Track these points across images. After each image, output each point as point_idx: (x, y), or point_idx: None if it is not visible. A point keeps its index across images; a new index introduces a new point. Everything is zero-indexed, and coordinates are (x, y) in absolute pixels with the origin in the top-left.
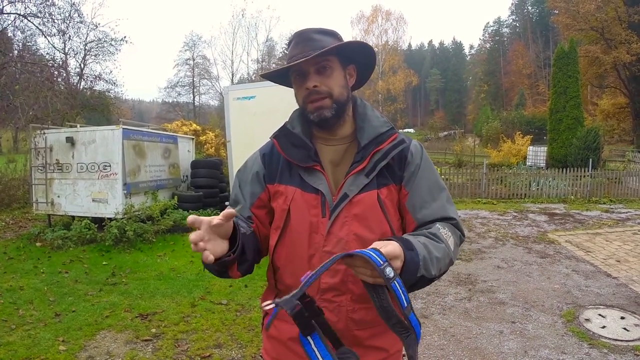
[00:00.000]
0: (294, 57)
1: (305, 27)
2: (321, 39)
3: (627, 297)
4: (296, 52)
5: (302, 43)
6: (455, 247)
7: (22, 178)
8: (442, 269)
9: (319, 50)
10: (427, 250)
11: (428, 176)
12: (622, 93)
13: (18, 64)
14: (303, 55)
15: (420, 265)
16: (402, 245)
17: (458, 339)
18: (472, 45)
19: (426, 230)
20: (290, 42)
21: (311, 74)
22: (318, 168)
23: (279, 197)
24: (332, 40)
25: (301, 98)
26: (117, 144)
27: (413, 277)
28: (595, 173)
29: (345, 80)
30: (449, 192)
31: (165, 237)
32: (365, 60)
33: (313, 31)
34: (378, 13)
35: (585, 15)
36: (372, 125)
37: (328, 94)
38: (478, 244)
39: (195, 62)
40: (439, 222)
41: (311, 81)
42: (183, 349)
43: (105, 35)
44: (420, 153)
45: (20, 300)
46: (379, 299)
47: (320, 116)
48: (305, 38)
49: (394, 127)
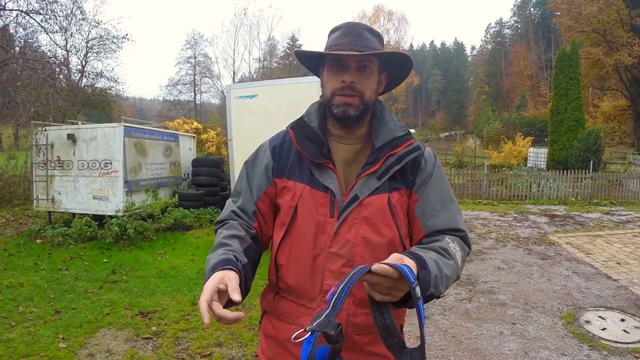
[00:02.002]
0: (340, 47)
1: (356, 21)
2: (370, 38)
3: (628, 299)
4: (344, 42)
5: (352, 35)
6: (462, 263)
7: (22, 175)
8: (449, 285)
9: (367, 49)
10: (438, 268)
11: (440, 185)
12: (623, 95)
13: (20, 60)
14: (350, 48)
15: (431, 285)
16: (417, 263)
17: (458, 339)
18: (474, 46)
19: (437, 244)
20: (335, 30)
21: (351, 69)
22: (330, 166)
23: (286, 193)
24: (378, 43)
25: (332, 88)
26: (119, 141)
27: (423, 294)
28: (596, 175)
29: (377, 86)
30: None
31: (166, 235)
32: (399, 73)
33: (364, 27)
34: (380, 13)
35: (587, 17)
36: (389, 128)
37: (360, 93)
38: (479, 244)
39: (196, 61)
40: (448, 233)
41: (350, 76)
42: (183, 347)
43: (107, 33)
44: (433, 161)
45: (20, 297)
46: (382, 318)
47: (345, 113)
48: (356, 32)
49: (410, 133)
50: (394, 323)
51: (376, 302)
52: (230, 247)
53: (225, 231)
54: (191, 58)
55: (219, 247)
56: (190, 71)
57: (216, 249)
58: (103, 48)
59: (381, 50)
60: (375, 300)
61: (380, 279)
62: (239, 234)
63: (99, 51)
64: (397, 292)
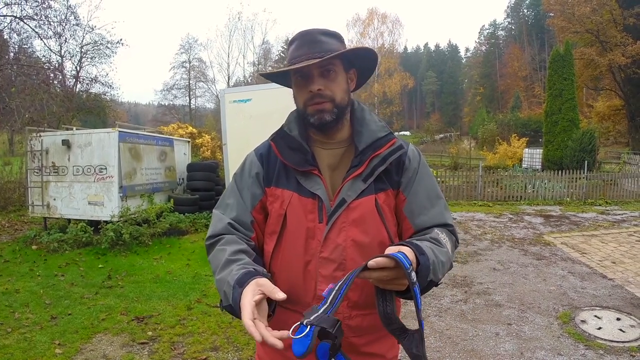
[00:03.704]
0: (298, 59)
1: (309, 28)
2: (327, 41)
3: (623, 298)
4: (301, 54)
5: (307, 45)
6: (453, 252)
7: (17, 181)
8: (445, 273)
9: (325, 53)
10: (434, 255)
11: (426, 182)
12: (617, 95)
13: (14, 66)
14: (308, 57)
15: (431, 270)
16: (415, 250)
17: (454, 341)
18: (468, 48)
19: (428, 236)
20: (292, 42)
21: (315, 77)
22: (315, 172)
23: (275, 201)
24: (337, 43)
25: (302, 100)
26: (113, 146)
27: (424, 281)
28: (591, 175)
29: (347, 85)
30: (444, 197)
31: (162, 240)
32: (367, 65)
33: (318, 32)
34: (374, 16)
35: (581, 17)
36: (370, 130)
37: (331, 98)
38: (474, 246)
39: (191, 65)
40: (437, 227)
41: (315, 84)
42: (179, 352)
43: (102, 38)
44: (418, 159)
45: (16, 303)
46: (385, 304)
47: (321, 120)
48: (311, 40)
49: (392, 132)
50: (394, 310)
51: (382, 290)
52: (242, 261)
53: (228, 247)
54: (186, 62)
55: (230, 264)
56: (184, 76)
57: (228, 266)
58: (97, 53)
59: (341, 49)
60: (380, 288)
61: (380, 274)
62: (243, 248)
63: (94, 56)
64: (400, 281)
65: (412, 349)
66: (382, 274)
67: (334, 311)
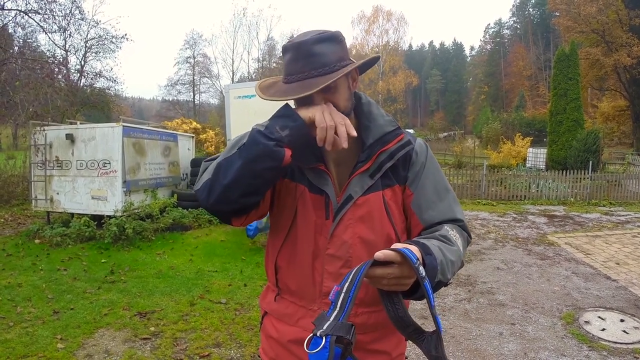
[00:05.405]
0: (295, 76)
1: (302, 35)
2: (323, 52)
3: (627, 299)
4: (297, 69)
5: (302, 59)
6: (464, 249)
7: (21, 175)
8: (455, 272)
9: (322, 66)
10: (442, 254)
11: (434, 176)
12: (622, 96)
13: (18, 60)
14: (305, 75)
15: (438, 270)
16: (421, 250)
17: (458, 340)
18: (473, 46)
19: (437, 233)
20: (285, 51)
21: (317, 98)
22: (322, 168)
23: (288, 195)
24: (334, 48)
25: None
26: (117, 141)
27: (432, 281)
28: (595, 175)
29: (350, 90)
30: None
31: (165, 235)
32: (368, 62)
33: (312, 41)
34: (379, 13)
35: (586, 17)
36: (378, 124)
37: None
38: (478, 245)
39: (195, 61)
40: (447, 223)
41: (317, 102)
42: (182, 347)
43: (106, 33)
44: (425, 152)
45: (18, 297)
46: (394, 308)
47: None
48: (306, 53)
49: (400, 127)
50: (406, 312)
51: (387, 293)
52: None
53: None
54: (190, 58)
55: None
56: (189, 71)
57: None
58: (102, 48)
59: (340, 60)
60: (385, 291)
61: (385, 271)
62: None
63: (98, 51)
64: (404, 280)
65: (431, 351)
66: (386, 270)
67: (346, 316)
